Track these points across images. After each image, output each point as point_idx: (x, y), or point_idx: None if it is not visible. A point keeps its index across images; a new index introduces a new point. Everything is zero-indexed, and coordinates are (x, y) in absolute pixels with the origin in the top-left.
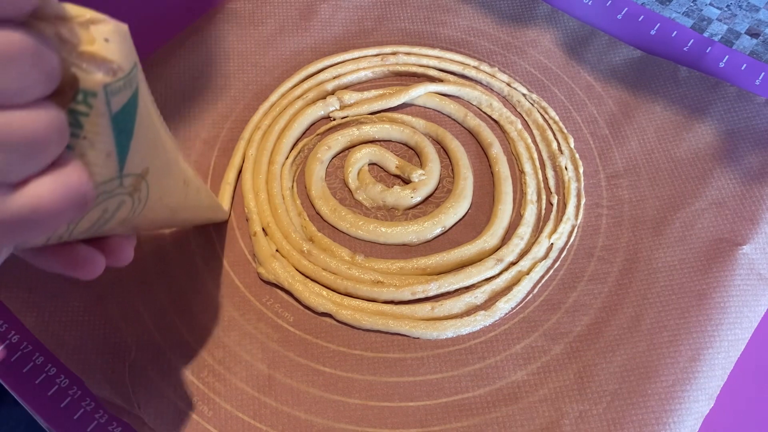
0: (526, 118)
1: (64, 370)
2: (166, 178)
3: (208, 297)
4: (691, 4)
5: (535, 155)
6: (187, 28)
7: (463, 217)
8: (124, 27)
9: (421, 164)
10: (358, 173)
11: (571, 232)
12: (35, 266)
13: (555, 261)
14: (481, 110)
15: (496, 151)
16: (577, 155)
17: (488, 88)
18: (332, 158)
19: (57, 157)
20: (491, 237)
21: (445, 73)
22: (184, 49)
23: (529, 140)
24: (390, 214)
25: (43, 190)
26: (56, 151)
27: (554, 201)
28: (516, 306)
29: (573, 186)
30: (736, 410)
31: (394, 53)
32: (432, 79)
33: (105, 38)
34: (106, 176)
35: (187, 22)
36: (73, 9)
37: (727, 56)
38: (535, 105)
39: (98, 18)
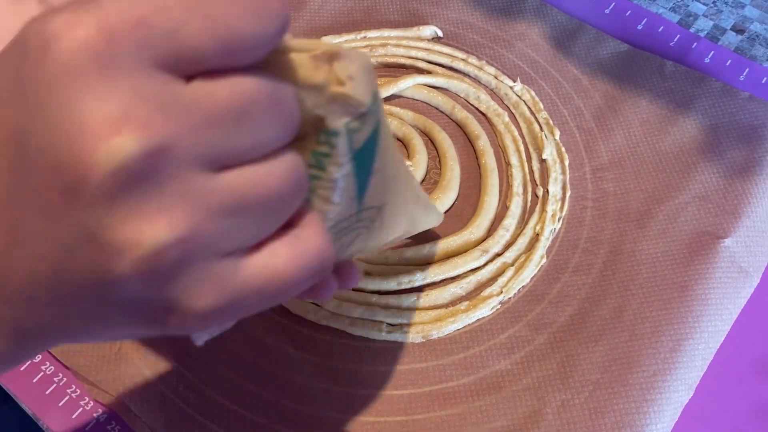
0: (513, 111)
1: (49, 358)
2: (400, 203)
3: None
4: (678, 0)
5: (522, 148)
6: None
7: (450, 208)
8: (368, 60)
9: (409, 155)
10: None
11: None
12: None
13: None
14: (468, 102)
15: (483, 143)
16: (563, 148)
17: (476, 80)
18: None
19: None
20: (477, 228)
21: (433, 65)
22: None
23: (516, 133)
24: None
25: (279, 259)
26: (294, 207)
27: (540, 193)
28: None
29: (559, 178)
30: (715, 400)
31: (383, 45)
32: (420, 71)
33: (349, 75)
34: (345, 214)
35: None
36: (308, 44)
37: (712, 52)
38: (522, 96)
39: (337, 52)
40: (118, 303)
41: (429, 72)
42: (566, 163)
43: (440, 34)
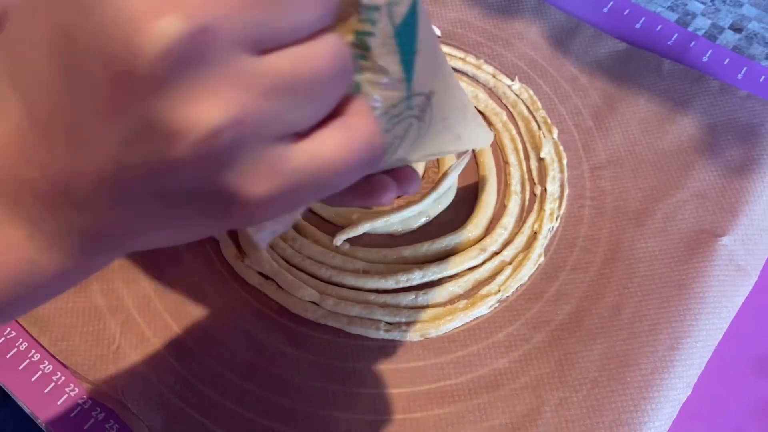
0: (511, 110)
1: (47, 357)
2: (448, 98)
3: (192, 285)
4: None
5: (520, 146)
6: None
7: (448, 207)
8: None
9: None
10: None
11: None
12: (327, 204)
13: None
14: None
15: None
16: (561, 147)
17: (474, 79)
18: None
19: (341, 100)
20: (475, 227)
21: None
22: None
23: (514, 131)
24: None
25: (329, 146)
26: (341, 90)
27: (537, 192)
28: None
29: (557, 177)
30: (713, 398)
31: None
32: None
33: None
34: (396, 98)
35: None
36: None
37: (710, 51)
38: (520, 95)
39: None
40: (181, 194)
41: None
42: (564, 161)
43: (438, 32)
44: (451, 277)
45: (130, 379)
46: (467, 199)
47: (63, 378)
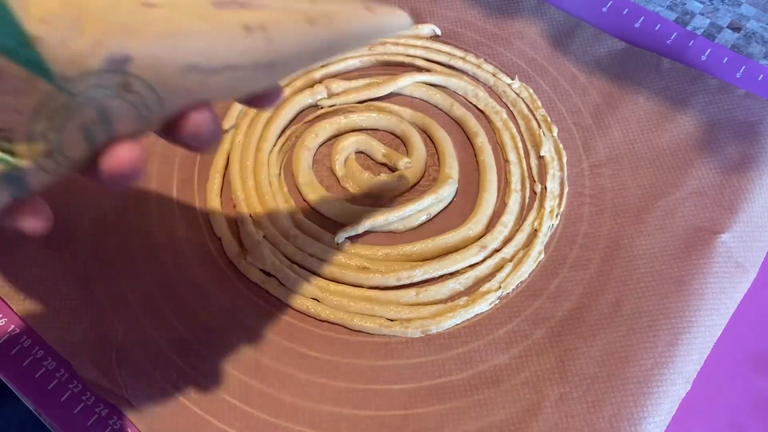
0: (511, 108)
1: (51, 353)
2: (183, 42)
3: (194, 282)
4: None
5: (520, 145)
6: None
7: (449, 205)
8: None
9: (408, 153)
10: (345, 161)
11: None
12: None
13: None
14: (467, 100)
15: (482, 140)
16: (560, 145)
17: (474, 78)
18: (319, 146)
19: None
20: (476, 224)
21: (432, 63)
22: None
23: (514, 130)
24: (376, 201)
25: None
26: None
27: (537, 189)
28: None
29: (557, 175)
30: (712, 394)
31: (381, 43)
32: (419, 69)
33: None
34: (40, 95)
35: None
36: None
37: (709, 49)
38: (520, 94)
39: None
40: None
41: (427, 70)
42: (564, 159)
43: (438, 32)
44: (451, 274)
45: (133, 375)
46: (467, 197)
47: (66, 375)
